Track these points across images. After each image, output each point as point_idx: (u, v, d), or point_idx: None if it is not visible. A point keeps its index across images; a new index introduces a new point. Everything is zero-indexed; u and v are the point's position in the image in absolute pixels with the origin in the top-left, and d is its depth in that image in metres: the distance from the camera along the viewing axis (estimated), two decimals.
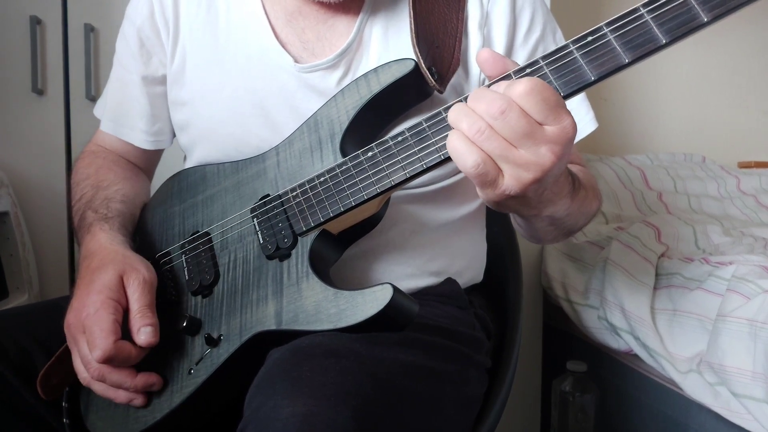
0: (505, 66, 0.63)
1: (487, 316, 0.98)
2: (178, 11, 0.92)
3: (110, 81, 1.02)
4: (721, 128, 2.49)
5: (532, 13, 0.88)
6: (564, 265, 1.68)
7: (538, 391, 1.77)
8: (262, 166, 0.83)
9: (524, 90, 0.56)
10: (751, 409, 1.06)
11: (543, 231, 0.82)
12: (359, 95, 0.78)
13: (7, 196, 1.48)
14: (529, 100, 0.56)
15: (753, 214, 1.99)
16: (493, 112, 0.56)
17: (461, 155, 0.58)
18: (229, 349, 0.74)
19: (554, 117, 0.57)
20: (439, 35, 0.83)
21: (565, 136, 0.57)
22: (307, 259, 0.74)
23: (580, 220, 0.82)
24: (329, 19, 0.87)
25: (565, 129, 0.57)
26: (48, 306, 0.97)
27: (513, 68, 0.62)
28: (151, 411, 0.75)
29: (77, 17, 1.62)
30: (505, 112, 0.56)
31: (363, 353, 0.66)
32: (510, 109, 0.56)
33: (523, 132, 0.56)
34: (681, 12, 0.56)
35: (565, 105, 0.58)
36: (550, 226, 0.79)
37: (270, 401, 0.59)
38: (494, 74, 0.63)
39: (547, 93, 0.56)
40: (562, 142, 0.58)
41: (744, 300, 1.12)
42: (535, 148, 0.57)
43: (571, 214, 0.75)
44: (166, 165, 1.05)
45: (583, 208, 0.79)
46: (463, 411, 0.82)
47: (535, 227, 0.82)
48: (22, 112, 1.60)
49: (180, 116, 0.94)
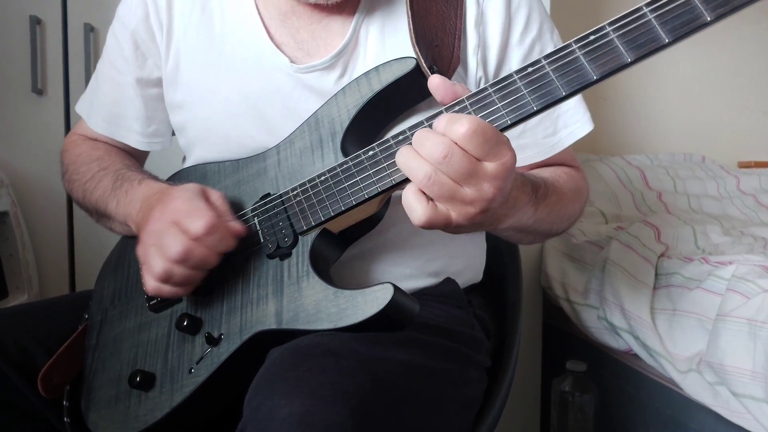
0: (456, 93, 0.65)
1: (486, 315, 0.98)
2: (172, 13, 0.91)
3: (97, 78, 1.00)
4: (721, 128, 2.49)
5: (528, 12, 0.87)
6: (564, 264, 1.69)
7: (538, 390, 1.77)
8: (262, 165, 0.83)
9: (465, 132, 0.59)
10: (751, 409, 1.06)
11: (514, 237, 0.86)
12: (360, 94, 0.78)
13: (7, 196, 1.48)
14: (471, 141, 0.59)
15: (753, 213, 1.99)
16: (436, 156, 0.60)
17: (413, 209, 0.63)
18: (230, 349, 0.74)
19: (494, 154, 0.60)
20: (438, 34, 0.83)
21: (505, 171, 0.61)
22: (307, 258, 0.74)
23: (555, 223, 0.83)
24: (324, 18, 0.87)
25: (505, 165, 0.61)
26: (48, 305, 0.97)
27: (464, 94, 0.65)
28: (151, 410, 0.75)
29: (77, 17, 1.62)
30: (448, 156, 0.59)
31: (362, 353, 0.67)
32: (452, 153, 0.59)
33: (467, 172, 0.60)
34: (684, 11, 0.56)
35: (506, 140, 0.61)
36: (519, 233, 0.81)
37: (269, 401, 0.59)
38: (446, 101, 0.66)
39: (488, 132, 0.60)
40: (503, 177, 0.61)
41: (744, 299, 1.12)
42: (479, 185, 0.61)
43: (540, 220, 0.78)
44: (166, 165, 1.05)
45: (556, 212, 0.81)
46: (462, 411, 0.82)
47: (504, 236, 0.85)
48: (22, 112, 1.60)
49: (177, 118, 0.94)
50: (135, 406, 0.77)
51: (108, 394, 0.80)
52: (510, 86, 0.63)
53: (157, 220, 0.74)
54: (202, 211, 0.72)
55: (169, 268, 0.72)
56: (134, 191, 0.85)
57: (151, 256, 0.73)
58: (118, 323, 0.85)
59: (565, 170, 0.89)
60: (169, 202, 0.75)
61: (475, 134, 0.59)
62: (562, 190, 0.82)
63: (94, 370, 0.83)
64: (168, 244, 0.71)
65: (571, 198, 0.84)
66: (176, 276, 0.72)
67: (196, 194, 0.75)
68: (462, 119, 0.59)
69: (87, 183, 0.93)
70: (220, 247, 0.73)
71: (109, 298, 0.88)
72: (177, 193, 0.76)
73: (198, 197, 0.75)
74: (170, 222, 0.73)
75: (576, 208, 0.86)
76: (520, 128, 0.68)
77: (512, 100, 0.63)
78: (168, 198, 0.76)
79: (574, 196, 0.85)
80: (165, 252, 0.71)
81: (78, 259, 1.66)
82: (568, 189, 0.84)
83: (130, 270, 0.88)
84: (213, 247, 0.72)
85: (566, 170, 0.89)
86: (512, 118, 0.63)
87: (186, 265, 0.72)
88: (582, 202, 0.89)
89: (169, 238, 0.71)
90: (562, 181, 0.84)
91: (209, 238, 0.72)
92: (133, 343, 0.82)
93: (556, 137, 0.88)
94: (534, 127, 0.86)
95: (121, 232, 0.93)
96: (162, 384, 0.77)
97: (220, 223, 0.73)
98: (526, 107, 0.63)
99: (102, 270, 0.94)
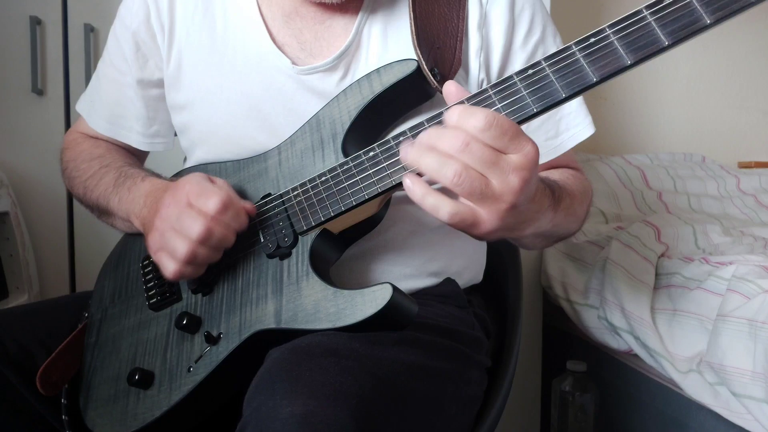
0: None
1: (486, 315, 0.98)
2: (173, 14, 0.91)
3: (98, 78, 1.01)
4: (721, 128, 2.49)
5: (532, 15, 0.87)
6: (564, 264, 1.69)
7: (538, 390, 1.77)
8: (263, 165, 0.83)
9: (481, 124, 0.58)
10: (751, 409, 1.06)
11: (533, 243, 0.84)
12: (361, 95, 0.78)
13: (7, 196, 1.48)
14: (488, 133, 0.58)
15: (753, 213, 1.99)
16: (457, 147, 0.58)
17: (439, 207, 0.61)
18: (229, 348, 0.74)
19: (515, 145, 0.59)
20: (440, 36, 0.83)
21: (528, 161, 0.60)
22: (307, 258, 0.74)
23: (570, 226, 0.83)
24: (327, 19, 0.87)
25: (527, 155, 0.59)
26: (48, 305, 0.97)
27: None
28: (149, 408, 0.75)
29: (77, 17, 1.62)
30: (469, 145, 0.58)
31: (363, 353, 0.67)
32: (472, 142, 0.58)
33: (489, 161, 0.58)
34: (684, 14, 0.56)
35: (523, 131, 0.60)
36: (538, 238, 0.80)
37: (269, 401, 0.59)
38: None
39: (504, 124, 0.58)
40: (528, 167, 0.60)
41: (744, 300, 1.12)
42: (503, 177, 0.59)
43: (558, 225, 0.77)
44: (168, 165, 1.05)
45: (570, 215, 0.80)
46: (463, 410, 0.82)
47: (523, 242, 0.84)
48: (22, 112, 1.60)
49: (179, 119, 0.94)
50: (134, 404, 0.77)
51: (107, 392, 0.80)
52: (510, 88, 0.63)
53: (169, 205, 0.75)
54: (214, 190, 0.73)
55: (194, 249, 0.72)
56: (137, 188, 0.85)
57: (171, 240, 0.73)
58: (118, 321, 0.85)
59: (571, 172, 0.89)
60: (179, 188, 0.76)
61: (491, 126, 0.58)
62: (573, 192, 0.82)
63: (94, 367, 0.83)
64: (188, 225, 0.72)
65: (581, 200, 0.84)
66: (200, 256, 0.73)
67: (203, 178, 0.77)
68: (476, 112, 0.58)
69: (88, 180, 0.93)
70: (234, 224, 0.74)
71: (109, 296, 0.89)
72: (184, 179, 0.77)
73: (205, 180, 0.76)
74: (185, 204, 0.73)
75: (584, 209, 0.86)
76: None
77: (512, 101, 0.63)
78: (176, 186, 0.77)
79: (583, 198, 0.85)
80: (187, 233, 0.72)
81: (78, 259, 1.66)
82: (578, 191, 0.84)
83: (131, 268, 0.89)
84: (229, 225, 0.73)
85: (572, 172, 0.89)
86: (512, 120, 0.63)
87: (208, 244, 0.72)
88: (588, 203, 0.88)
89: (188, 220, 0.72)
90: (571, 183, 0.84)
91: (224, 216, 0.72)
92: (132, 342, 0.82)
93: (558, 140, 0.88)
94: (536, 130, 0.86)
95: (122, 229, 0.93)
96: (161, 382, 0.77)
97: (232, 200, 0.74)
98: (526, 109, 0.63)
99: (102, 268, 0.94)
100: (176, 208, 0.74)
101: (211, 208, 0.72)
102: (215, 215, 0.72)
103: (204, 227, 0.71)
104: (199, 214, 0.72)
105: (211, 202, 0.72)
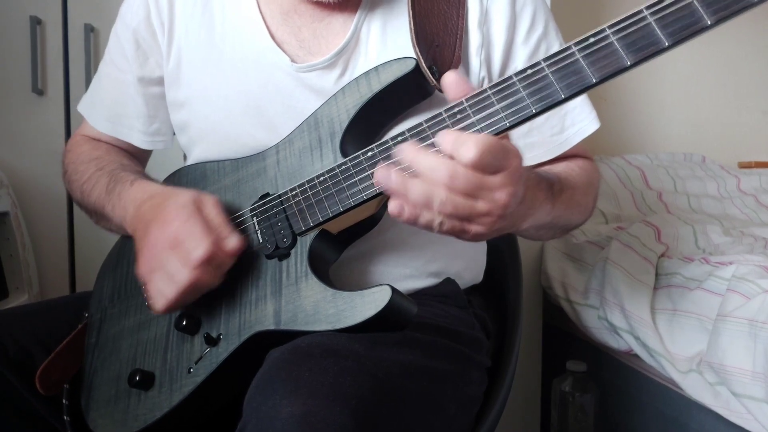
0: (467, 90, 0.65)
1: (486, 316, 0.97)
2: (173, 12, 0.91)
3: (99, 78, 1.01)
4: (721, 128, 2.49)
5: (534, 11, 0.87)
6: (564, 264, 1.68)
7: (538, 390, 1.77)
8: (262, 165, 0.83)
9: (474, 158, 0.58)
10: (751, 409, 1.06)
11: (535, 235, 0.85)
12: (360, 94, 0.78)
13: (7, 196, 1.48)
14: (481, 163, 0.59)
15: (753, 213, 1.99)
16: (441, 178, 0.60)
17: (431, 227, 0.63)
18: (229, 349, 0.74)
19: (504, 164, 0.60)
20: (440, 34, 0.83)
21: (513, 177, 0.61)
22: (306, 258, 0.74)
23: (573, 217, 0.83)
24: (326, 17, 0.87)
25: (512, 172, 0.61)
26: (48, 306, 0.97)
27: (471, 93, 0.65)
28: (150, 409, 0.75)
29: (77, 17, 1.62)
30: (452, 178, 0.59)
31: (362, 353, 0.67)
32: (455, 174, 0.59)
33: (475, 187, 0.60)
34: (684, 15, 0.56)
35: (511, 147, 0.61)
36: (539, 230, 0.81)
37: (269, 401, 0.59)
38: (457, 97, 0.66)
39: (495, 147, 0.59)
40: (513, 182, 0.61)
41: (744, 300, 1.12)
42: (490, 196, 0.61)
43: (558, 216, 0.78)
44: (168, 164, 1.05)
45: (572, 206, 0.81)
46: (463, 411, 0.82)
47: (524, 235, 0.85)
48: (22, 112, 1.60)
49: (178, 117, 0.94)
50: (134, 405, 0.77)
51: (108, 393, 0.80)
52: (509, 88, 0.63)
53: (154, 245, 0.75)
54: (200, 236, 0.72)
55: (180, 297, 0.73)
56: (126, 194, 0.85)
57: (159, 282, 0.74)
58: (118, 322, 0.85)
59: (578, 163, 0.89)
60: (166, 224, 0.75)
61: (483, 155, 0.59)
62: (575, 184, 0.82)
63: (94, 368, 0.83)
64: (175, 270, 0.72)
65: (585, 191, 0.85)
66: (188, 300, 0.75)
67: (192, 214, 0.75)
68: (468, 142, 0.59)
69: (84, 184, 0.93)
70: (221, 269, 0.74)
71: (109, 296, 0.89)
72: (173, 212, 0.75)
73: (194, 217, 0.74)
74: (172, 244, 0.73)
75: (590, 200, 0.87)
76: (526, 126, 0.68)
77: (511, 102, 0.63)
78: (164, 215, 0.76)
79: (587, 189, 0.86)
80: (174, 279, 0.73)
81: (78, 259, 1.66)
82: (581, 182, 0.84)
83: (130, 268, 0.88)
84: (215, 272, 0.74)
85: (579, 163, 0.89)
86: (511, 121, 0.63)
87: (195, 291, 0.74)
88: (594, 194, 0.89)
89: (175, 266, 0.72)
90: (575, 175, 0.85)
91: (209, 266, 0.73)
92: (132, 342, 0.82)
93: (564, 135, 0.88)
94: (541, 125, 0.86)
95: (119, 233, 0.93)
96: (161, 383, 0.77)
97: (218, 248, 0.73)
98: (525, 110, 0.63)
99: (102, 269, 0.94)
100: (161, 250, 0.74)
101: (197, 258, 0.71)
102: (200, 265, 0.72)
103: (188, 277, 0.72)
104: (185, 265, 0.72)
105: (196, 252, 0.72)
